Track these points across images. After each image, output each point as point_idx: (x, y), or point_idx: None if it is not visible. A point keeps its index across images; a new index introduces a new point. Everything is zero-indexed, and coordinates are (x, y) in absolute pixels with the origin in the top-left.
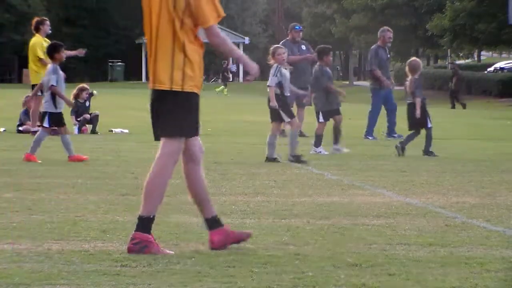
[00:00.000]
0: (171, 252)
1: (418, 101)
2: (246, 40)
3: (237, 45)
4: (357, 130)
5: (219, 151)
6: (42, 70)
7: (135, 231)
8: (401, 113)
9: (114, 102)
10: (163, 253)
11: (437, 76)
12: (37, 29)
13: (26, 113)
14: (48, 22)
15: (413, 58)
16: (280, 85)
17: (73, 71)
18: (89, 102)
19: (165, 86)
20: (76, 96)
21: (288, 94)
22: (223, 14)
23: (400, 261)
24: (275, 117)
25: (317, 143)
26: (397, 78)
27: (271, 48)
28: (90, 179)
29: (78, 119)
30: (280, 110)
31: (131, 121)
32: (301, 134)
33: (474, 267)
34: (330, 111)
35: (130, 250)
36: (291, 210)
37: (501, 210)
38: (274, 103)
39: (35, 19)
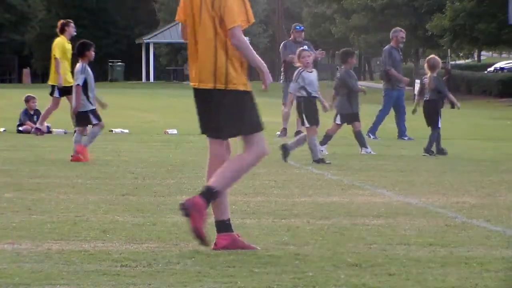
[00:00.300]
0: (257, 247)
1: (451, 97)
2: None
3: None
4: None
5: None
6: (65, 71)
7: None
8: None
9: (114, 102)
10: (249, 248)
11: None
12: (62, 31)
13: (26, 113)
14: (73, 25)
15: (432, 55)
16: (303, 88)
17: (72, 71)
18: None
19: (209, 85)
20: None
21: (316, 96)
22: (252, 20)
23: (400, 261)
24: (315, 119)
25: (324, 142)
26: None
27: (297, 51)
28: (90, 179)
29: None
30: (303, 113)
31: (131, 121)
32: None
33: (474, 267)
34: (349, 114)
35: (216, 248)
36: (291, 210)
37: (501, 210)
38: (327, 105)
39: (60, 21)
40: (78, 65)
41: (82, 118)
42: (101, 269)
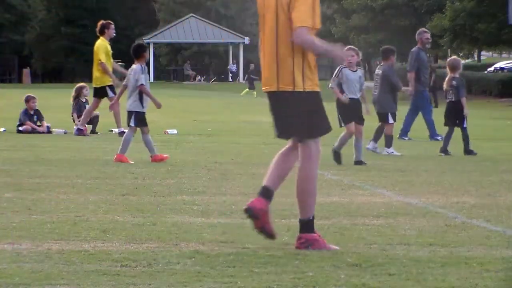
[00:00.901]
0: (336, 247)
1: (463, 100)
2: (246, 40)
3: (237, 45)
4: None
5: (219, 151)
6: (102, 73)
7: (300, 232)
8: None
9: None
10: (329, 248)
11: (437, 76)
12: (102, 32)
13: (26, 113)
14: (113, 26)
15: (453, 56)
16: (340, 87)
17: (72, 71)
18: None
19: (289, 88)
20: (77, 96)
21: (351, 97)
22: (318, 26)
23: (400, 261)
24: (348, 118)
25: (389, 144)
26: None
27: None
28: (90, 179)
29: (79, 119)
30: (337, 113)
31: None
32: None
33: (474, 267)
34: (394, 113)
35: (298, 248)
36: (291, 210)
37: (501, 210)
38: (343, 98)
39: (101, 22)
40: (137, 66)
41: (140, 119)
42: (101, 269)
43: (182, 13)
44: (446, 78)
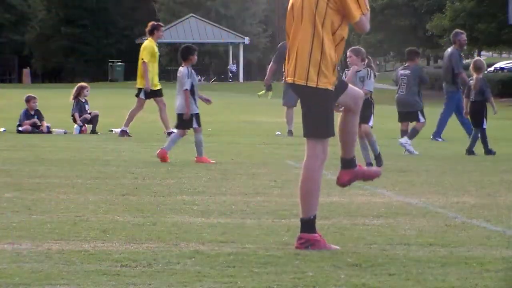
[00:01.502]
0: (337, 247)
1: (492, 101)
2: (246, 40)
3: (237, 45)
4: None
5: (220, 151)
6: (151, 74)
7: (301, 232)
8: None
9: (114, 102)
10: (329, 248)
11: (437, 76)
12: (151, 33)
13: (26, 113)
14: (163, 28)
15: (477, 57)
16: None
17: (72, 71)
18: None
19: (302, 82)
20: (78, 95)
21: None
22: (366, 11)
23: (400, 261)
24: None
25: (412, 136)
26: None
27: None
28: (90, 179)
29: (80, 119)
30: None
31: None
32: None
33: (474, 267)
34: (422, 110)
35: (298, 248)
36: (291, 210)
37: (501, 210)
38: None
39: (151, 22)
40: (183, 69)
41: (185, 121)
42: (101, 269)
43: (182, 13)
44: (473, 79)
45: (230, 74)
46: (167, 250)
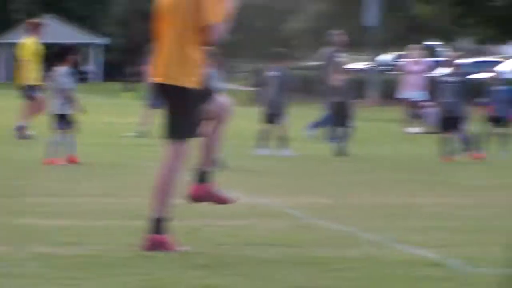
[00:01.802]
0: (187, 248)
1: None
2: (104, 40)
3: (96, 46)
4: None
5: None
6: None
7: (149, 233)
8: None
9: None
10: (179, 249)
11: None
12: None
13: None
14: None
15: None
16: None
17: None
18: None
19: (165, 80)
20: None
21: None
22: (220, 21)
23: (250, 261)
24: None
25: None
26: None
27: None
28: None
29: None
30: None
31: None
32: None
33: (320, 266)
34: None
35: (146, 249)
36: (140, 212)
37: (349, 211)
38: None
39: None
40: (62, 69)
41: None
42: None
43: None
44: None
45: (89, 74)
46: (11, 253)
